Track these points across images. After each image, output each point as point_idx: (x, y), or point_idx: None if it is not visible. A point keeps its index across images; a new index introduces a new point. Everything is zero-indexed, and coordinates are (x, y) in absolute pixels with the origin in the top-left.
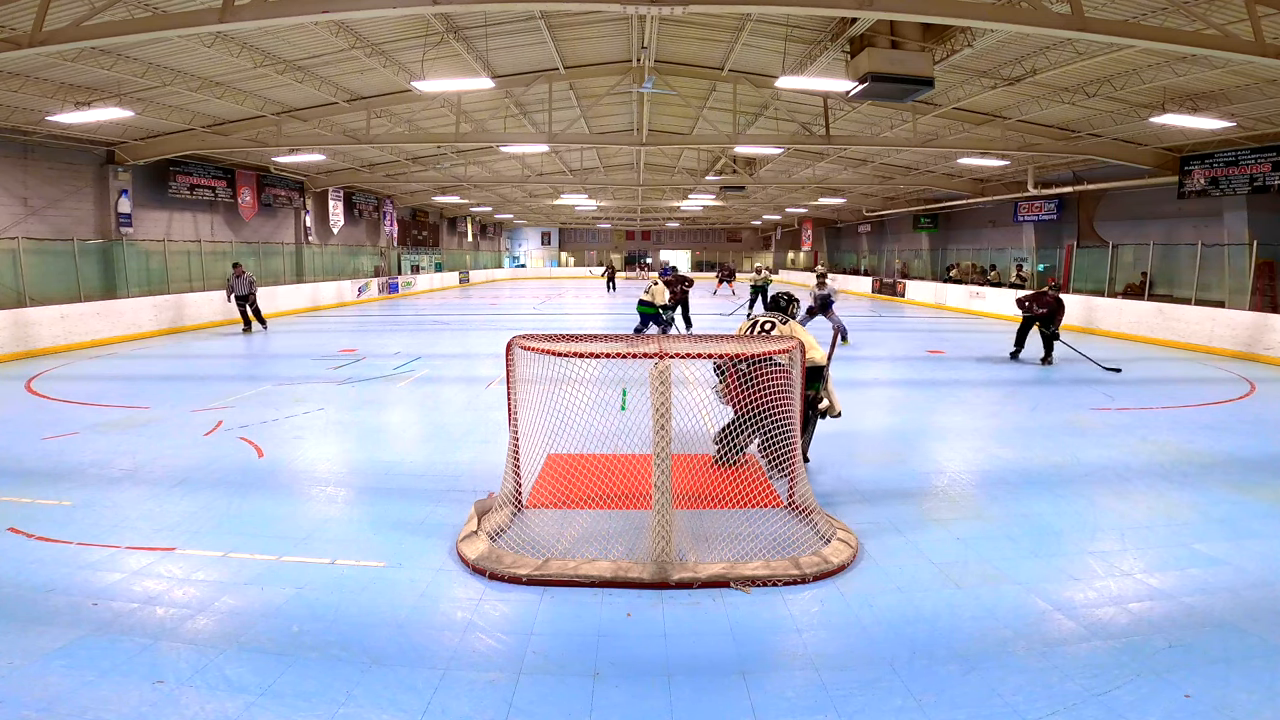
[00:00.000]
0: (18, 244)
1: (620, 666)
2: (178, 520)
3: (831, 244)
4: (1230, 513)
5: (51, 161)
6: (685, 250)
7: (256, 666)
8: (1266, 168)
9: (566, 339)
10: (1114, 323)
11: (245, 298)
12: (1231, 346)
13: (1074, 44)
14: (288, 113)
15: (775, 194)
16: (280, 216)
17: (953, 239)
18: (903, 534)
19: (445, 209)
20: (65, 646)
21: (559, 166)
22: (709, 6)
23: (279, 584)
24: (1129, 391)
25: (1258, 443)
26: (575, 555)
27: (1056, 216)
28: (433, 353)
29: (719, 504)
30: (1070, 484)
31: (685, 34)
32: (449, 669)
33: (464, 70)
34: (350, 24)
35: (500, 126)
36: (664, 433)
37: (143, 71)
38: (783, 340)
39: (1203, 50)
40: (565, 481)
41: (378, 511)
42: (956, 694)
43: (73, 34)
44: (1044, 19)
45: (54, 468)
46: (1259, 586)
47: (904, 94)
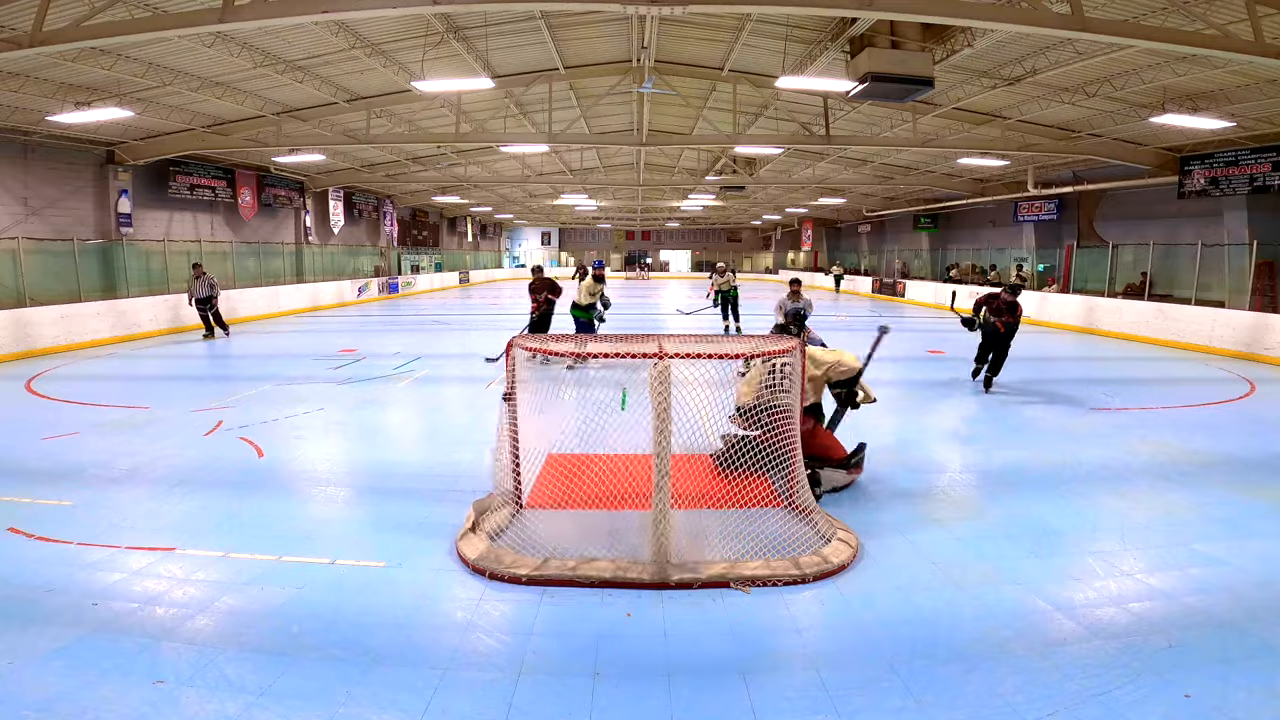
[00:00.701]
0: (18, 244)
1: (620, 666)
2: (178, 520)
3: (831, 244)
4: (1230, 513)
5: (51, 161)
6: (685, 250)
7: (256, 666)
8: (1266, 168)
9: (566, 339)
10: (1114, 323)
11: (206, 301)
12: (1231, 346)
13: (1074, 44)
14: (288, 113)
15: (775, 194)
16: (280, 216)
17: (953, 239)
18: (903, 534)
19: (445, 209)
20: (65, 646)
21: (559, 166)
22: (709, 6)
23: (279, 584)
24: (1129, 391)
25: (1258, 443)
26: (575, 555)
27: (1056, 216)
28: (433, 353)
29: (719, 504)
30: (1070, 484)
31: (685, 34)
32: (449, 669)
33: (464, 70)
34: (350, 24)
35: (500, 126)
36: (664, 433)
37: (143, 71)
38: (783, 340)
39: (1203, 50)
40: (565, 481)
41: (377, 511)
42: (956, 694)
43: (73, 34)
44: (1044, 19)
45: (54, 468)
46: (1259, 586)
47: (904, 94)
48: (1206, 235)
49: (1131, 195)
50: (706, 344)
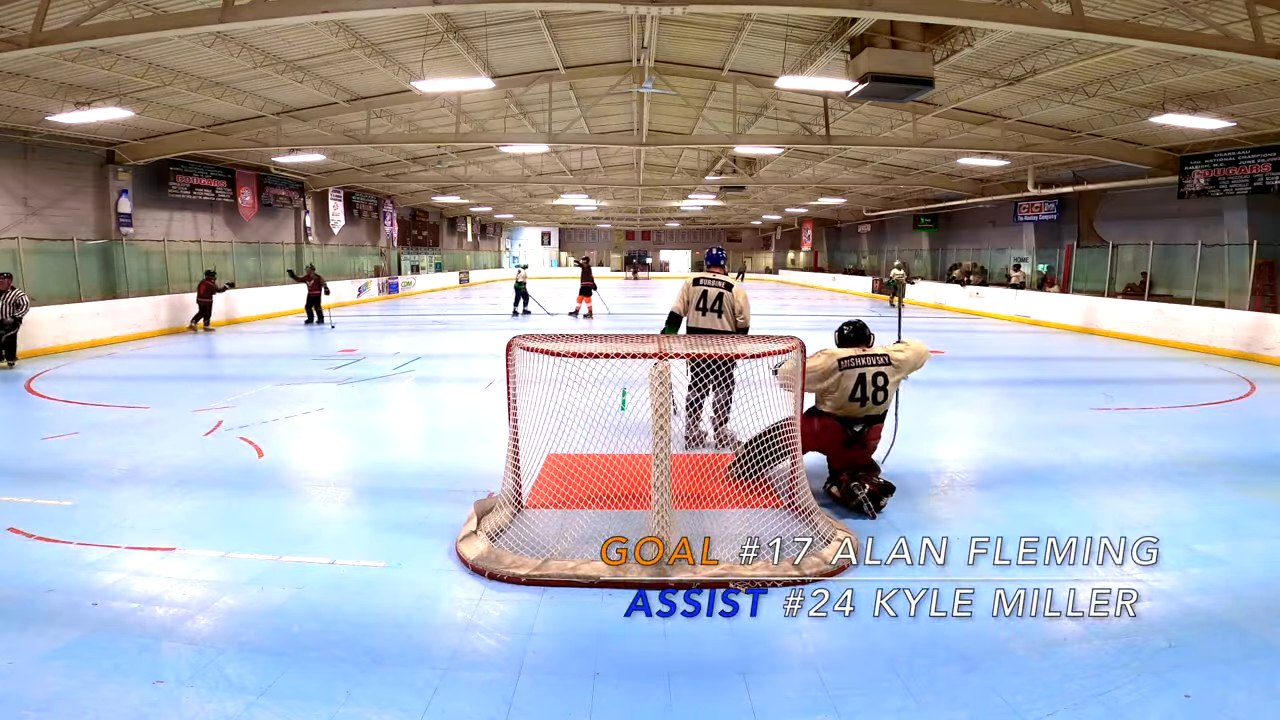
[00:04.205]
0: (18, 244)
1: (620, 666)
2: (178, 520)
3: (831, 244)
4: (1230, 513)
5: (51, 161)
6: (685, 250)
7: (256, 666)
8: (1266, 168)
9: (566, 339)
10: (1114, 323)
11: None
12: (1231, 346)
13: (1074, 44)
14: (288, 113)
15: (775, 194)
16: (280, 216)
17: (953, 239)
18: (903, 534)
19: (445, 209)
20: (65, 646)
21: (559, 166)
22: (709, 6)
23: (279, 584)
24: (1129, 391)
25: (1258, 443)
26: (575, 555)
27: (1056, 216)
28: (433, 353)
29: (719, 504)
30: (1070, 484)
31: (685, 34)
32: (449, 669)
33: (464, 70)
34: (350, 24)
35: (500, 126)
36: (664, 433)
37: (143, 71)
38: (784, 341)
39: (1203, 50)
40: (565, 481)
41: (377, 511)
42: (956, 694)
43: (73, 34)
44: (1044, 19)
45: (54, 468)
46: (1259, 586)
47: (904, 94)
48: (1206, 235)
49: (1131, 195)
50: (707, 344)
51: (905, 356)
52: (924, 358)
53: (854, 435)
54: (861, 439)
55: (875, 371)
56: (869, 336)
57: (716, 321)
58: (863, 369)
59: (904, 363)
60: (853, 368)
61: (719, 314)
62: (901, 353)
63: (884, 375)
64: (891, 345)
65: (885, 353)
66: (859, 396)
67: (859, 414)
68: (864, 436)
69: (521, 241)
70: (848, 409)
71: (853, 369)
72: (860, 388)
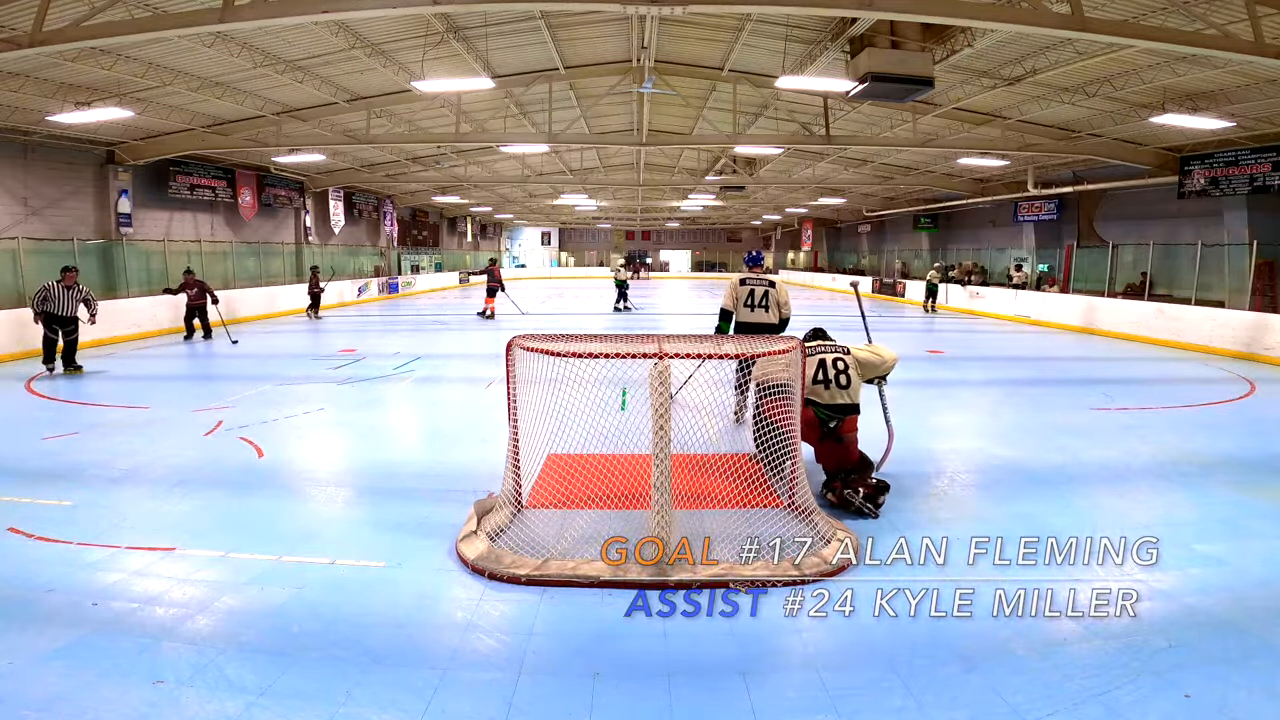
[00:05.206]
0: (18, 244)
1: (620, 666)
2: (178, 520)
3: (831, 244)
4: (1230, 513)
5: (51, 161)
6: (685, 250)
7: (256, 666)
8: (1266, 168)
9: (566, 339)
10: (1114, 323)
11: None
12: (1231, 346)
13: (1074, 44)
14: (288, 113)
15: (775, 194)
16: (280, 216)
17: (953, 239)
18: (903, 534)
19: (445, 209)
20: (65, 646)
21: (559, 166)
22: (709, 6)
23: (279, 584)
24: (1129, 391)
25: (1258, 443)
26: (575, 555)
27: (1056, 216)
28: (432, 353)
29: (719, 504)
30: (1070, 484)
31: (685, 34)
32: (449, 669)
33: (464, 70)
34: (350, 24)
35: (500, 126)
36: (664, 433)
37: (143, 71)
38: (783, 341)
39: (1203, 50)
40: (565, 481)
41: (377, 511)
42: (956, 694)
43: (73, 34)
44: (1044, 19)
45: (54, 468)
46: (1259, 586)
47: (904, 94)
48: (1206, 235)
49: (1131, 195)
50: (707, 344)
51: (865, 356)
52: (888, 361)
53: (829, 430)
54: (836, 434)
55: (834, 357)
56: (827, 336)
57: (764, 315)
58: (823, 355)
59: (865, 361)
60: (814, 354)
61: (765, 308)
62: (863, 351)
63: (844, 362)
64: (859, 346)
65: (846, 345)
66: (822, 379)
67: (826, 399)
68: (839, 430)
69: (522, 241)
70: (814, 391)
71: (814, 355)
72: (822, 369)
